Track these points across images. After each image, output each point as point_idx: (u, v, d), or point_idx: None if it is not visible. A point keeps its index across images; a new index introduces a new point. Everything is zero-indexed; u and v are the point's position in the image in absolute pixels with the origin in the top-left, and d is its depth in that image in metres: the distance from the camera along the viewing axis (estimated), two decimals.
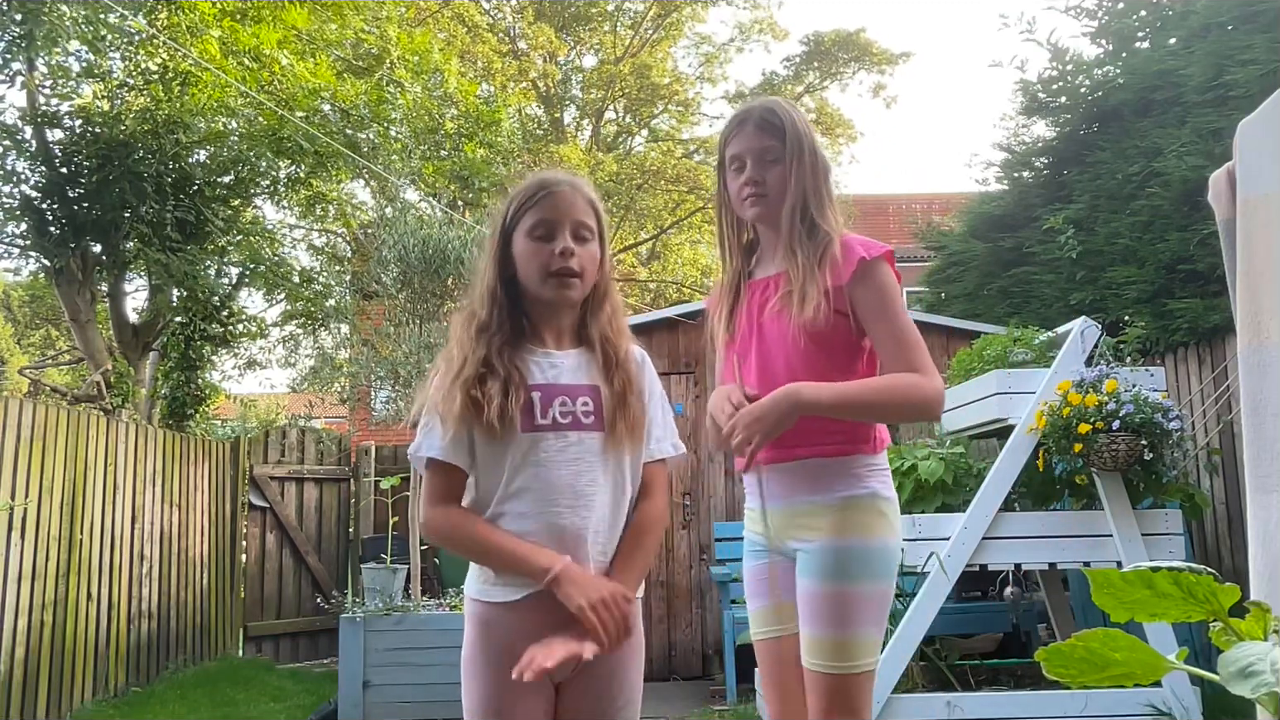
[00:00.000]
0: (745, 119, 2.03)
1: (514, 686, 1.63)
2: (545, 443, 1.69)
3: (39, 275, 10.28)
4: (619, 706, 1.72)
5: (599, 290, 1.80)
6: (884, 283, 1.94)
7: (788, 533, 1.98)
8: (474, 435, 1.68)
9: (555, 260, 1.72)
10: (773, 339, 1.98)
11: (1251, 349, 1.85)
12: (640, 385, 1.79)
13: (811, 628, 1.90)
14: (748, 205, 2.03)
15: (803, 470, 1.95)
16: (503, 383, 1.68)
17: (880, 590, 1.91)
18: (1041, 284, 6.62)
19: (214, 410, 10.83)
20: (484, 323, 1.75)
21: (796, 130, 2.00)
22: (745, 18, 19.70)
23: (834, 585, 1.89)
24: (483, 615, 1.72)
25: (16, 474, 4.94)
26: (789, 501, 1.97)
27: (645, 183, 17.89)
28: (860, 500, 1.92)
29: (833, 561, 1.90)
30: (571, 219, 1.75)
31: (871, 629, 1.90)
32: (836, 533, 1.91)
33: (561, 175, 1.81)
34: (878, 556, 1.91)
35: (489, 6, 18.54)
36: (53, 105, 8.42)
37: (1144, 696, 3.86)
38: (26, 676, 4.96)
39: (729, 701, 5.52)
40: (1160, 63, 5.84)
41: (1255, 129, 1.92)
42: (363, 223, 11.31)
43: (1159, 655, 1.01)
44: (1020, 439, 4.13)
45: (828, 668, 1.87)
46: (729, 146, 2.05)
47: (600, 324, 1.79)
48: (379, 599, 5.55)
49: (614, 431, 1.72)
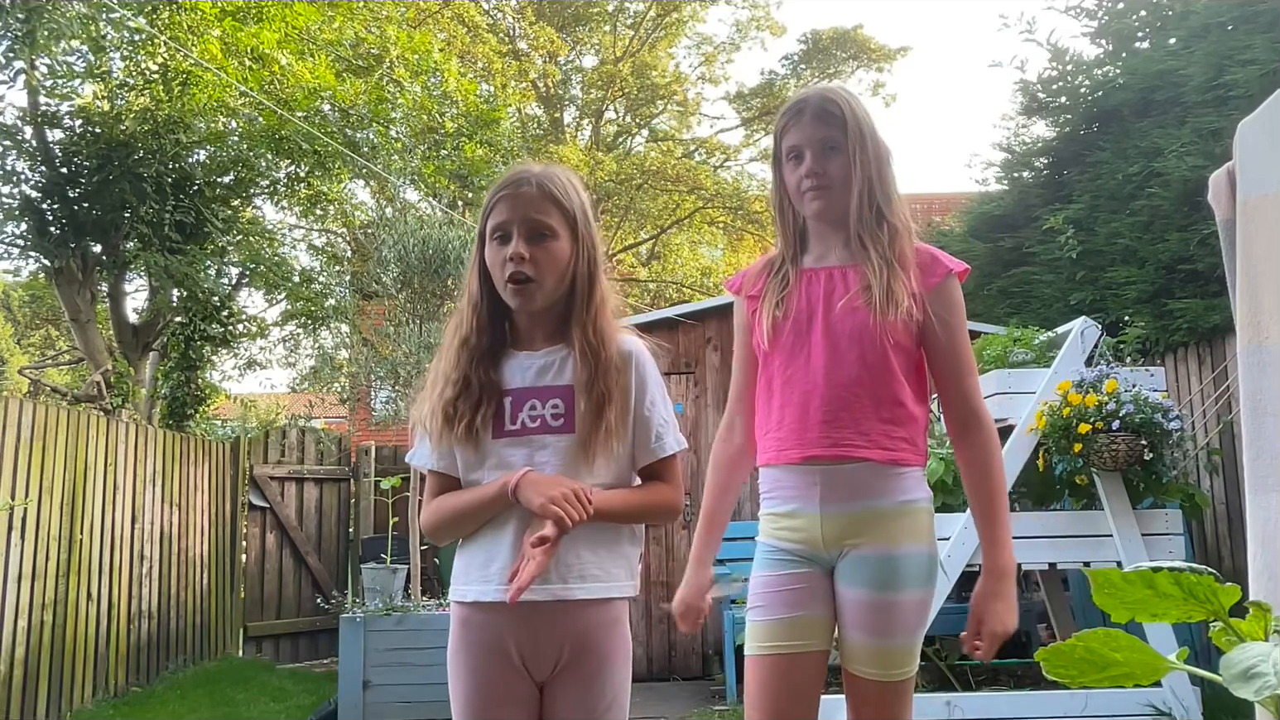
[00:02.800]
0: (802, 108, 1.93)
1: (498, 685, 1.64)
2: (510, 448, 1.70)
3: (39, 275, 10.27)
4: (605, 706, 1.69)
5: (578, 286, 1.73)
6: (959, 300, 1.93)
7: (843, 538, 1.86)
8: (455, 445, 1.73)
9: (506, 266, 1.69)
10: (848, 333, 1.88)
11: (1251, 349, 1.85)
12: (625, 383, 1.72)
13: (864, 635, 1.84)
14: (809, 199, 1.92)
15: (867, 472, 1.86)
16: (475, 398, 1.69)
17: (927, 596, 1.89)
18: (1041, 284, 6.62)
19: (214, 410, 10.83)
20: (465, 336, 1.75)
21: (856, 117, 1.91)
22: (743, 16, 19.65)
23: (887, 594, 1.84)
24: (462, 615, 1.72)
25: (16, 474, 4.94)
26: (847, 506, 1.86)
27: (645, 183, 17.87)
28: (916, 504, 1.88)
29: (888, 570, 1.84)
30: (525, 219, 1.69)
31: (917, 636, 1.88)
32: (892, 540, 1.84)
33: (530, 170, 1.75)
34: (927, 564, 1.88)
35: (489, 6, 18.54)
36: (53, 105, 8.41)
37: (1144, 696, 3.86)
38: (26, 676, 4.96)
39: (729, 701, 5.52)
40: (1160, 63, 5.84)
41: (1255, 129, 1.92)
42: (363, 223, 11.30)
43: (1159, 655, 1.01)
44: (1020, 439, 4.13)
45: (880, 675, 1.83)
46: (785, 138, 1.95)
47: (582, 325, 1.72)
48: (379, 599, 5.55)
49: (584, 437, 1.68)
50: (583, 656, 1.66)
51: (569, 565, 1.66)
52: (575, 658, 1.67)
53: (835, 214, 1.93)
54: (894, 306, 1.83)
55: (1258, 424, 1.83)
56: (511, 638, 1.65)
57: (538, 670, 1.68)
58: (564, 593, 1.65)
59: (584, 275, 1.74)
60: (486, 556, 1.69)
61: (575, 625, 1.66)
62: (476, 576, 1.69)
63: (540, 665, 1.68)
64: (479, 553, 1.71)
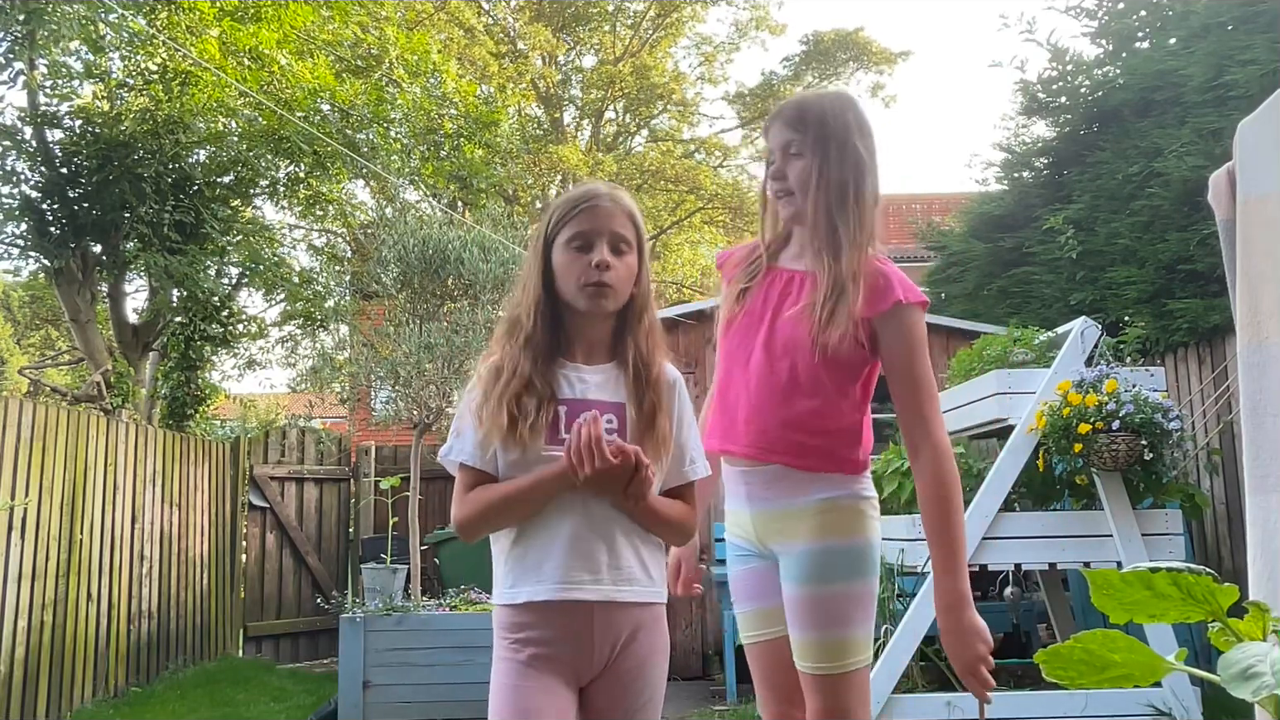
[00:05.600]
0: (779, 112, 1.98)
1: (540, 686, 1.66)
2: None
3: (39, 275, 10.27)
4: (641, 704, 1.73)
5: (635, 304, 1.79)
6: (912, 327, 1.90)
7: (769, 537, 1.97)
8: (501, 445, 1.71)
9: (590, 272, 1.72)
10: (783, 343, 1.93)
11: (1251, 349, 1.85)
12: (670, 406, 1.78)
13: (800, 631, 1.91)
14: (781, 205, 1.99)
15: (783, 473, 1.94)
16: (538, 400, 1.70)
17: (865, 587, 1.91)
18: (1041, 284, 6.62)
19: (214, 410, 10.82)
20: (529, 334, 1.76)
21: (825, 124, 1.90)
22: (743, 17, 19.64)
23: (817, 588, 1.90)
24: (510, 617, 1.73)
25: (16, 474, 4.94)
26: (769, 505, 1.96)
27: (645, 183, 17.89)
28: (840, 501, 1.92)
29: (814, 564, 1.90)
30: (610, 231, 1.75)
31: (859, 627, 1.90)
32: (816, 536, 1.90)
33: (603, 187, 1.82)
34: (858, 556, 1.92)
35: (488, 6, 18.53)
36: (53, 105, 8.41)
37: (1144, 696, 3.86)
38: (26, 676, 4.96)
39: (729, 701, 5.52)
40: (1160, 63, 5.84)
41: (1255, 129, 1.92)
42: (363, 223, 11.30)
43: (1158, 656, 1.01)
44: (1020, 439, 4.13)
45: (820, 669, 1.89)
46: (766, 139, 2.02)
47: (635, 339, 1.78)
48: (379, 599, 5.55)
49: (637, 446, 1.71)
50: (624, 656, 1.70)
51: (619, 568, 1.70)
52: (617, 657, 1.71)
53: (800, 219, 1.96)
54: (834, 328, 1.86)
55: (1258, 424, 1.83)
56: (561, 640, 1.68)
57: (584, 671, 1.70)
58: (615, 593, 1.69)
59: (643, 293, 1.80)
60: (538, 558, 1.70)
61: (621, 626, 1.70)
62: (529, 578, 1.70)
63: (586, 666, 1.70)
64: (530, 555, 1.71)
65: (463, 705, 4.96)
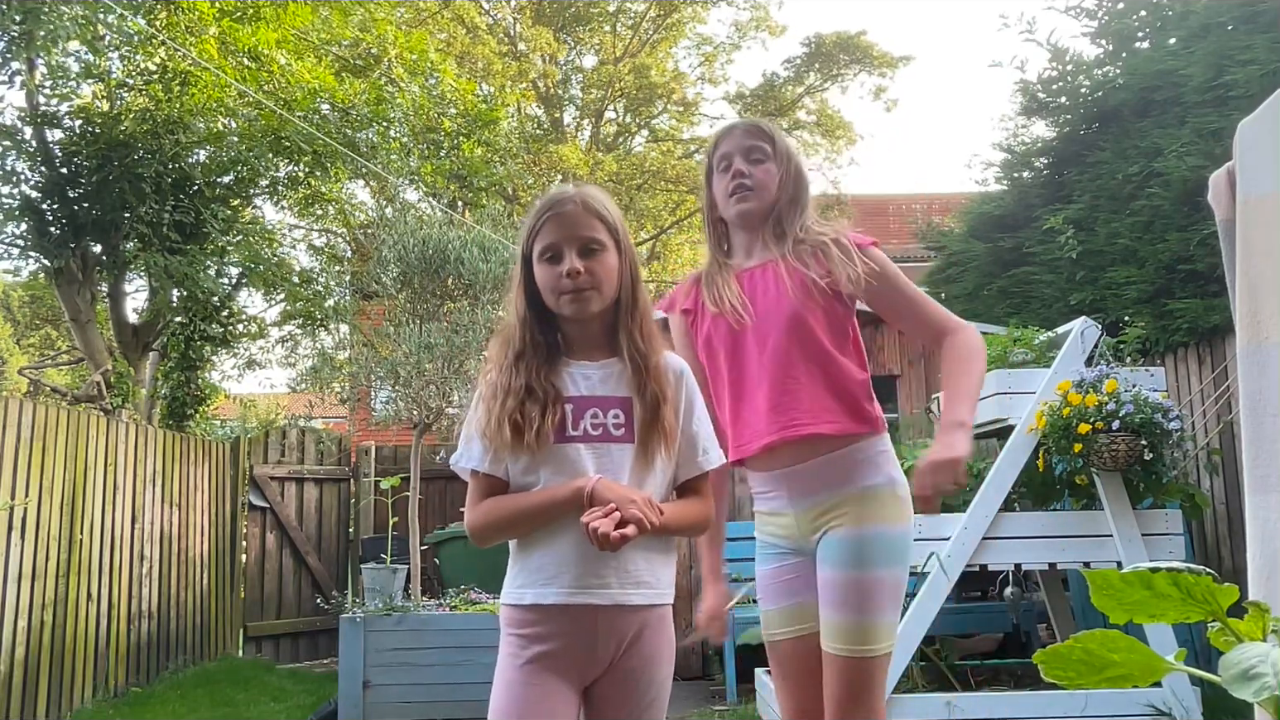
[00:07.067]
0: (734, 126, 2.22)
1: (544, 687, 1.67)
2: (576, 453, 1.72)
3: (39, 275, 10.26)
4: (645, 704, 1.74)
5: (624, 298, 1.80)
6: (883, 262, 2.09)
7: (814, 530, 2.05)
8: (510, 456, 1.73)
9: (563, 283, 1.74)
10: (782, 321, 2.05)
11: (1251, 349, 1.85)
12: (675, 397, 1.79)
13: (834, 612, 1.98)
14: (734, 202, 2.16)
15: (824, 465, 2.03)
16: (541, 404, 1.71)
17: (898, 575, 2.00)
18: (1041, 284, 6.62)
19: (214, 410, 10.82)
20: (519, 350, 1.78)
21: (784, 141, 2.18)
22: (744, 17, 19.63)
23: (855, 572, 1.97)
24: (516, 618, 1.74)
25: (16, 474, 4.94)
26: (814, 499, 2.04)
27: (645, 183, 17.88)
28: (880, 489, 2.03)
29: (855, 549, 1.98)
30: (576, 237, 1.76)
31: (890, 614, 1.98)
32: (858, 521, 2.00)
33: (567, 191, 1.81)
34: (897, 543, 2.01)
35: (489, 6, 18.53)
36: (53, 105, 8.41)
37: (1144, 696, 3.85)
38: (26, 676, 4.96)
39: (729, 701, 5.52)
40: (1160, 63, 5.84)
41: (1255, 129, 1.92)
42: (362, 222, 11.30)
43: (1157, 656, 1.01)
44: (1020, 439, 4.13)
45: (849, 651, 1.95)
46: (718, 149, 2.20)
47: (628, 333, 1.79)
48: (379, 599, 5.55)
49: (645, 444, 1.73)
50: (629, 655, 1.71)
51: (627, 571, 1.70)
52: (622, 656, 1.71)
53: (757, 217, 2.15)
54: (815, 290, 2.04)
55: (1258, 424, 1.83)
56: (566, 641, 1.68)
57: (589, 670, 1.71)
58: (622, 597, 1.70)
59: (629, 285, 1.81)
60: (546, 561, 1.71)
61: (628, 628, 1.71)
62: (537, 580, 1.71)
63: (590, 668, 1.71)
64: (538, 557, 1.72)
65: (463, 705, 4.96)
